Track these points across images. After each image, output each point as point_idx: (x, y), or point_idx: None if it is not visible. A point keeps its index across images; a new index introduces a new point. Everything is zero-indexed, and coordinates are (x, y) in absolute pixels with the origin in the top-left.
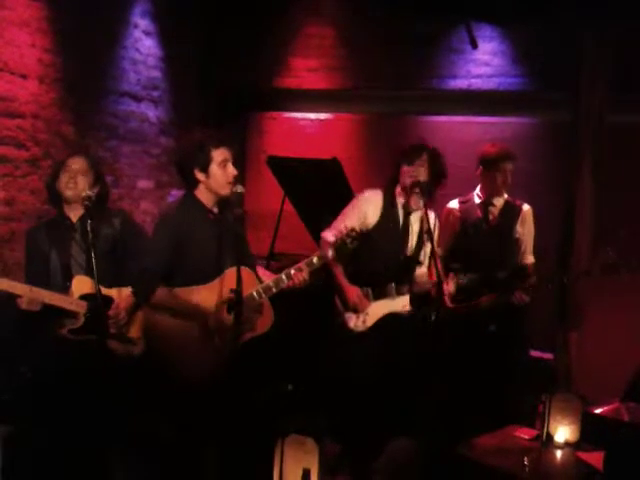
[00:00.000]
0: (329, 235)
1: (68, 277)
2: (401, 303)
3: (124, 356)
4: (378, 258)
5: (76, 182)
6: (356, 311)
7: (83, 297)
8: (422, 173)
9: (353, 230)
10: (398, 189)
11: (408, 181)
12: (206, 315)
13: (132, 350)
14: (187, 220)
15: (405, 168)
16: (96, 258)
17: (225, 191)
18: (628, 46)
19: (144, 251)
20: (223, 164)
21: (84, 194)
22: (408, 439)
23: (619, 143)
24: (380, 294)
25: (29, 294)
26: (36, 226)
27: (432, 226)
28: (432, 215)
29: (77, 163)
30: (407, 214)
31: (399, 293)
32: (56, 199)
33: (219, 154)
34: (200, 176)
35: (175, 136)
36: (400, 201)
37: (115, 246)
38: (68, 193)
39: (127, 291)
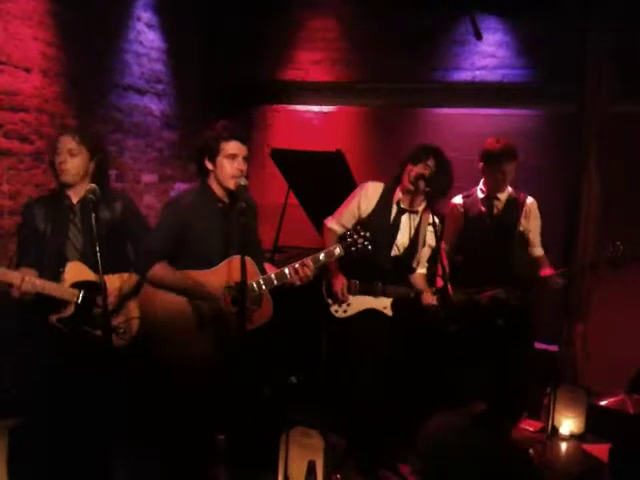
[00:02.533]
0: (332, 222)
1: (61, 260)
2: (382, 304)
3: (116, 343)
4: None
5: (67, 166)
6: (336, 300)
7: (75, 284)
8: (426, 174)
9: (368, 231)
10: (399, 187)
11: (411, 176)
12: (207, 297)
13: (122, 337)
14: (195, 206)
15: (409, 167)
16: (94, 243)
17: (229, 184)
18: (633, 36)
19: (150, 232)
20: (232, 157)
21: (89, 187)
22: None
23: (625, 134)
24: (366, 290)
25: (21, 283)
26: (34, 200)
27: (437, 226)
28: (436, 220)
29: (64, 143)
30: (400, 212)
31: (384, 294)
32: (56, 175)
33: (230, 147)
34: (209, 165)
35: (179, 130)
36: (397, 198)
37: (113, 230)
38: (62, 179)
39: (125, 276)
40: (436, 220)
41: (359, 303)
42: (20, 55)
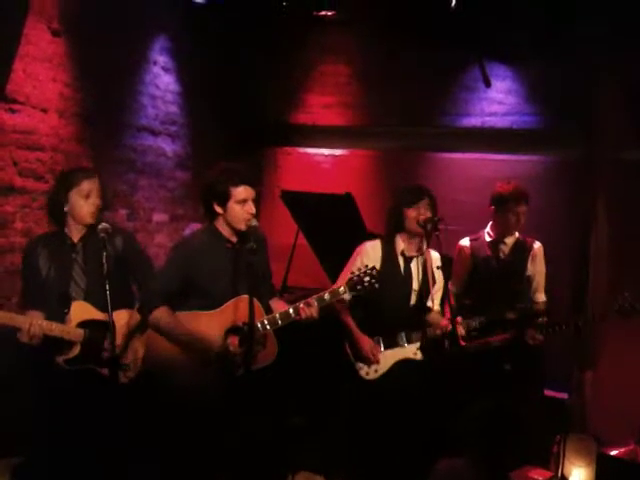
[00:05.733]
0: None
1: (66, 300)
2: (412, 350)
3: (120, 381)
4: (384, 307)
5: (95, 206)
6: (367, 362)
7: (81, 324)
8: (428, 216)
9: (374, 268)
10: (400, 236)
11: (419, 221)
12: (208, 345)
13: (127, 374)
14: (204, 247)
15: (410, 212)
16: (99, 281)
17: (241, 226)
18: None
19: (151, 264)
20: (242, 202)
21: (101, 226)
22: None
23: (634, 181)
24: (390, 343)
25: (30, 327)
26: (35, 241)
27: (437, 266)
28: (437, 255)
29: (94, 185)
30: (407, 261)
31: (409, 341)
32: (60, 217)
33: (239, 192)
34: (218, 209)
35: (191, 170)
36: (400, 248)
37: (116, 266)
38: (88, 221)
39: (131, 313)
40: (435, 260)
41: (388, 358)
42: (38, 96)
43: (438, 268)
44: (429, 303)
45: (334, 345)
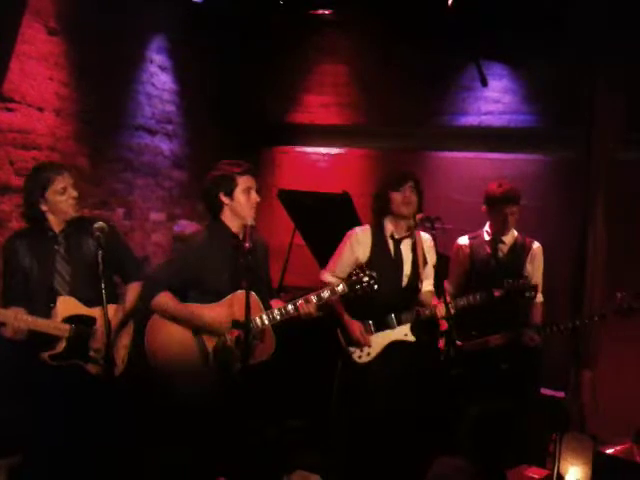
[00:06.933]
0: (327, 276)
1: (51, 294)
2: (403, 332)
3: (105, 378)
4: (376, 291)
5: (73, 198)
6: (359, 345)
7: (67, 319)
8: (413, 199)
9: (373, 270)
10: (387, 219)
11: (407, 210)
12: (217, 325)
13: (113, 371)
14: (210, 243)
15: (395, 195)
16: (83, 272)
17: (250, 213)
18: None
19: (134, 256)
20: (247, 191)
21: (96, 225)
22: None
23: (631, 180)
24: (381, 325)
25: (14, 322)
26: (12, 237)
27: (429, 247)
28: (427, 236)
29: (68, 179)
30: (397, 243)
31: (400, 322)
32: (38, 214)
33: (244, 181)
34: (225, 199)
35: (188, 170)
36: (389, 232)
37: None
38: (71, 213)
39: (117, 307)
40: (426, 242)
41: (379, 341)
42: (34, 95)
43: (433, 267)
44: (419, 284)
45: (331, 344)
